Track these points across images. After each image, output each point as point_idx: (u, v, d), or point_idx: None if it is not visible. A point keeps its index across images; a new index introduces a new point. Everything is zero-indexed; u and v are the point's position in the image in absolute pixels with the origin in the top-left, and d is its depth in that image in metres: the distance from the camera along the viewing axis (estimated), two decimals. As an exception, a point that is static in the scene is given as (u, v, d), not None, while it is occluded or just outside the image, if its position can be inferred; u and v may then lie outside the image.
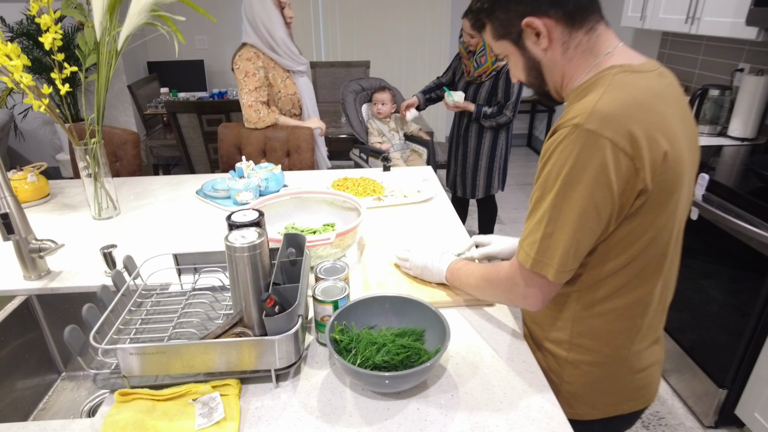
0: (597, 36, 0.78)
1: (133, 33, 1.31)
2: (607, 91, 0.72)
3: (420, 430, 0.76)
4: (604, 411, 0.91)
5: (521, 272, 0.81)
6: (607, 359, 0.86)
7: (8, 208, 0.93)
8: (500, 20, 0.81)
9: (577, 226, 0.73)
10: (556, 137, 0.74)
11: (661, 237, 0.78)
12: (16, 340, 1.13)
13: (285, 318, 0.80)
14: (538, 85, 0.86)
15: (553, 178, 0.73)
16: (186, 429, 0.75)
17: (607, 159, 0.69)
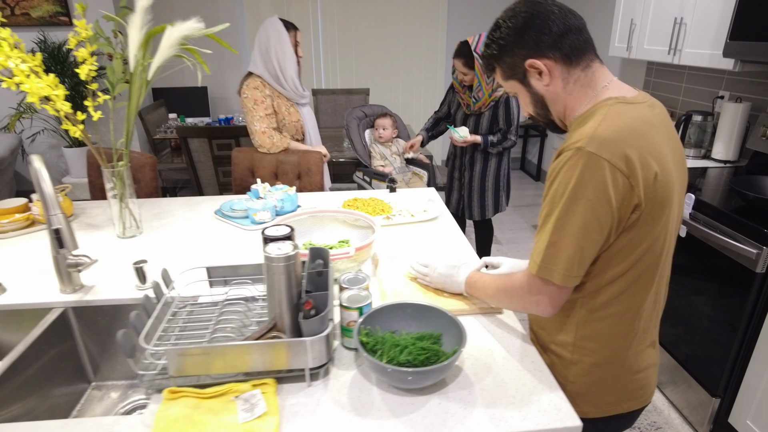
0: (593, 72, 0.91)
1: (164, 65, 1.42)
2: (605, 119, 0.83)
3: (443, 422, 0.84)
4: (605, 410, 0.99)
5: (531, 281, 0.90)
6: (608, 360, 0.95)
7: (60, 223, 1.02)
8: (507, 63, 0.94)
9: (580, 236, 0.83)
10: (561, 159, 0.85)
11: (655, 248, 0.88)
12: (54, 350, 1.19)
13: (319, 321, 0.89)
14: (544, 116, 0.98)
15: (560, 195, 0.84)
16: (231, 423, 0.83)
17: (606, 177, 0.80)
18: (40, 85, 1.21)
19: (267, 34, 2.09)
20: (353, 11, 4.65)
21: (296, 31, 2.18)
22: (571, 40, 0.89)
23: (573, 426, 0.84)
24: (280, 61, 2.09)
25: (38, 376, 1.13)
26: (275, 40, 2.07)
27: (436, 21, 4.77)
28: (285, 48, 2.08)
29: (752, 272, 1.65)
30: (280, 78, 2.13)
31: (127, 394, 1.30)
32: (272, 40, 2.07)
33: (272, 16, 2.16)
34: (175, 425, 0.82)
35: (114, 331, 1.29)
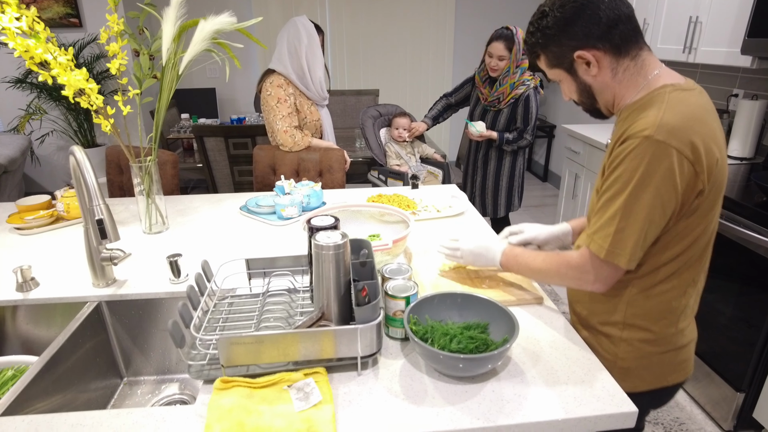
0: (642, 60, 0.91)
1: (195, 58, 1.42)
2: (668, 107, 0.84)
3: (499, 409, 0.83)
4: (652, 383, 1.02)
5: (593, 261, 0.92)
6: (656, 336, 0.99)
7: (102, 214, 1.01)
8: (554, 53, 0.94)
9: (646, 222, 0.85)
10: (626, 146, 0.85)
11: (708, 230, 0.92)
12: (89, 343, 1.19)
13: (371, 308, 0.89)
14: (590, 104, 0.99)
15: (625, 181, 0.85)
16: (286, 412, 0.82)
17: (674, 164, 0.82)
18: (78, 78, 1.20)
19: (298, 35, 2.08)
20: (361, 12, 4.66)
21: (323, 35, 2.20)
22: (621, 30, 0.88)
23: (628, 412, 0.83)
24: (310, 64, 2.10)
25: (75, 369, 1.13)
26: (307, 41, 2.08)
27: (443, 21, 4.79)
28: (316, 51, 2.09)
29: (778, 266, 1.66)
30: (307, 79, 2.14)
31: (159, 389, 1.29)
32: (304, 41, 2.08)
33: (302, 16, 2.16)
34: (229, 415, 0.81)
35: (146, 326, 1.28)
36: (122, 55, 1.43)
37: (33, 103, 3.79)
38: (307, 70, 2.11)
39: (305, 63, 2.10)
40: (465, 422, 0.80)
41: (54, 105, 3.87)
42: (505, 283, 1.21)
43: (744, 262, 1.80)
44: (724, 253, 1.90)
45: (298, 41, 2.07)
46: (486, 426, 0.80)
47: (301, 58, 2.09)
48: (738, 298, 1.84)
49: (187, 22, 1.39)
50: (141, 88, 1.56)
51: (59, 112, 3.93)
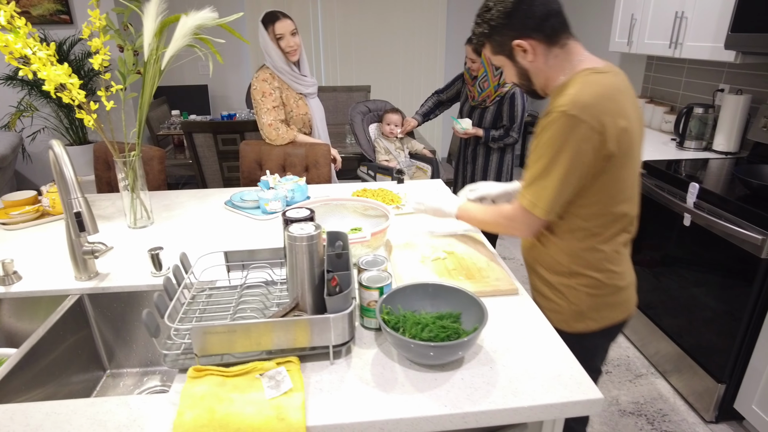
0: (569, 48, 1.09)
1: (176, 54, 1.43)
2: (582, 87, 1.01)
3: (467, 396, 0.85)
4: (600, 322, 1.19)
5: (519, 211, 1.12)
6: (599, 282, 1.15)
7: (80, 207, 1.02)
8: (497, 41, 1.11)
9: (561, 181, 1.03)
10: (548, 118, 1.03)
11: (626, 187, 1.09)
12: (71, 336, 1.20)
13: (343, 298, 0.90)
14: (527, 86, 1.16)
15: (546, 147, 1.03)
16: (257, 399, 0.84)
17: (584, 134, 0.99)
18: (57, 72, 1.21)
19: (259, 32, 2.17)
20: (353, 8, 4.66)
21: (274, 24, 2.12)
22: (552, 23, 1.05)
23: (594, 398, 0.85)
24: (271, 57, 2.16)
25: (56, 362, 1.14)
26: (261, 38, 2.15)
27: (435, 17, 4.79)
28: (268, 45, 2.14)
29: (757, 258, 1.68)
30: (277, 71, 2.18)
31: (142, 381, 1.31)
32: (260, 38, 2.16)
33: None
34: (201, 402, 0.83)
35: (128, 319, 1.29)
36: (105, 51, 1.43)
37: (24, 100, 3.78)
38: (272, 64, 2.16)
39: (267, 57, 2.17)
40: (432, 409, 0.82)
41: (45, 102, 3.86)
42: (481, 274, 1.22)
43: (727, 255, 1.82)
44: (708, 247, 1.92)
45: (260, 38, 2.15)
46: (452, 413, 0.82)
47: (265, 54, 2.17)
48: (721, 291, 1.86)
49: (169, 17, 1.40)
50: (125, 83, 1.57)
51: (50, 109, 3.93)
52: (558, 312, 1.20)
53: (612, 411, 2.01)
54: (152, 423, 0.81)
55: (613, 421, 1.96)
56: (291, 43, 2.13)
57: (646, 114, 3.11)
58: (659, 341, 2.23)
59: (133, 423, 0.81)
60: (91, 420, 0.82)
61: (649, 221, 2.29)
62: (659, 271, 2.23)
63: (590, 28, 3.98)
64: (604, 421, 1.96)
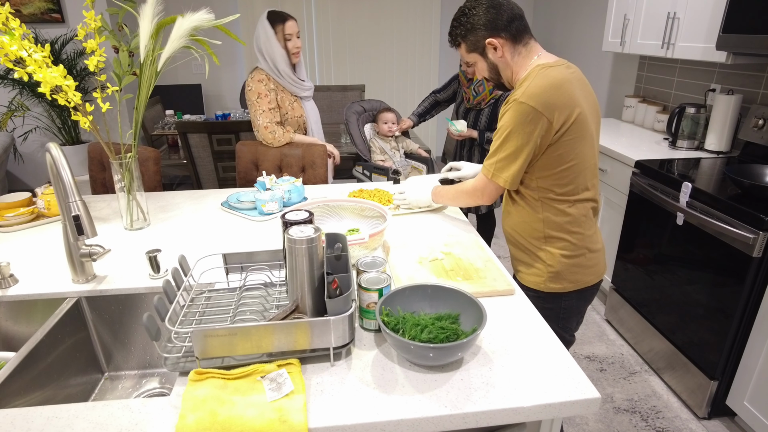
0: (530, 47, 1.30)
1: (173, 55, 1.42)
2: (533, 81, 1.21)
3: (467, 396, 0.86)
4: (576, 283, 1.35)
5: (484, 182, 1.33)
6: (573, 245, 1.32)
7: (79, 210, 1.02)
8: (471, 41, 1.31)
9: (516, 155, 1.24)
10: (506, 106, 1.24)
11: (584, 160, 1.27)
12: (69, 339, 1.20)
13: (343, 300, 0.91)
14: (496, 79, 1.36)
15: (505, 129, 1.24)
16: (259, 402, 0.84)
17: (532, 118, 1.19)
18: (53, 74, 1.21)
19: (257, 33, 2.13)
20: (347, 8, 4.66)
21: (284, 24, 2.13)
22: (516, 25, 1.26)
23: (592, 398, 0.86)
24: (272, 58, 2.13)
25: (54, 365, 1.14)
26: (264, 38, 2.11)
27: (429, 17, 4.80)
28: (273, 45, 2.10)
29: (749, 257, 1.70)
30: (276, 73, 2.15)
31: (140, 383, 1.31)
32: (261, 38, 2.11)
33: (264, 12, 2.17)
34: (203, 405, 0.83)
35: (126, 321, 1.29)
36: (100, 52, 1.43)
37: (15, 99, 3.75)
38: (272, 64, 2.13)
39: (268, 59, 2.13)
40: (432, 410, 0.83)
41: (37, 102, 3.83)
42: (479, 275, 1.24)
43: (719, 254, 1.85)
44: (700, 246, 1.94)
45: (258, 39, 2.12)
46: (453, 413, 0.83)
47: (264, 55, 2.13)
48: (713, 289, 1.89)
49: (165, 19, 1.39)
50: (120, 84, 1.56)
51: (42, 109, 3.89)
52: (537, 275, 1.36)
53: (607, 408, 2.03)
54: (154, 426, 0.81)
55: (608, 418, 1.98)
56: (297, 45, 2.15)
57: (639, 113, 3.13)
58: (653, 339, 2.26)
59: (135, 426, 0.81)
60: (93, 424, 0.82)
61: (642, 220, 2.31)
62: (652, 269, 2.25)
63: (583, 29, 4.00)
64: (599, 419, 1.98)
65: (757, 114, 2.27)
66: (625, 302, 2.48)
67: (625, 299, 2.48)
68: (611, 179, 2.58)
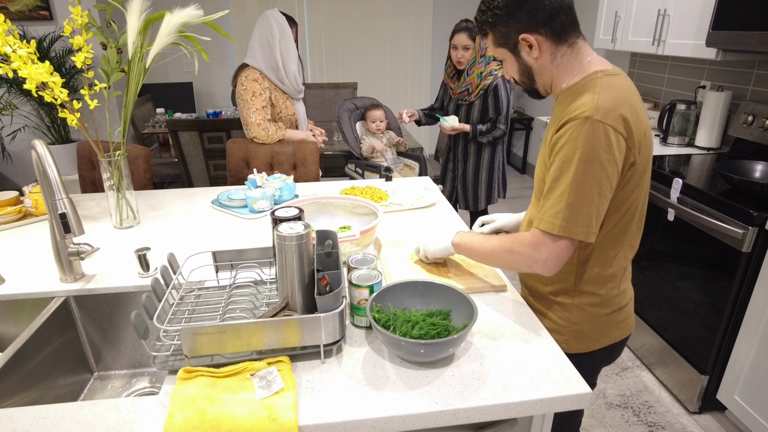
0: (578, 48, 1.02)
1: (161, 52, 1.41)
2: (601, 91, 0.94)
3: (458, 393, 0.86)
4: (602, 342, 1.14)
5: (545, 239, 0.96)
6: (603, 299, 1.10)
7: (65, 208, 1.01)
8: (501, 32, 1.02)
9: (597, 194, 0.92)
10: (568, 127, 0.93)
11: (639, 198, 1.02)
12: (57, 339, 1.18)
13: (333, 297, 0.90)
14: (529, 84, 1.08)
15: (570, 159, 0.93)
16: (248, 400, 0.84)
17: (612, 140, 0.91)
18: (39, 71, 1.19)
19: (271, 29, 2.07)
20: (339, 5, 4.64)
21: (296, 27, 2.18)
22: (562, 20, 0.97)
23: (583, 393, 0.86)
24: (284, 57, 2.09)
25: (42, 365, 1.12)
26: (279, 35, 2.06)
27: (422, 14, 4.79)
28: (289, 45, 2.07)
29: (738, 252, 1.71)
30: (281, 73, 2.13)
31: (130, 383, 1.29)
32: (276, 35, 2.06)
33: (273, 9, 2.14)
34: (192, 403, 0.82)
35: (115, 320, 1.28)
36: (87, 48, 1.41)
37: (3, 98, 3.70)
38: (281, 64, 2.10)
39: (279, 57, 2.09)
40: (423, 406, 0.83)
41: (25, 100, 3.78)
42: (470, 272, 1.23)
43: (710, 249, 1.86)
44: (691, 241, 1.96)
45: (270, 35, 2.06)
46: (444, 409, 0.82)
47: (275, 52, 2.08)
48: (704, 284, 1.90)
49: (153, 15, 1.38)
50: (109, 81, 1.54)
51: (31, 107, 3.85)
52: (557, 332, 1.12)
53: (599, 404, 2.04)
54: (142, 425, 0.80)
55: (601, 413, 1.99)
56: None
57: (630, 110, 3.14)
58: (644, 334, 2.27)
59: (123, 426, 0.80)
60: (80, 424, 0.81)
61: (633, 216, 2.32)
62: (644, 265, 2.26)
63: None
64: (591, 414, 1.99)
65: (746, 110, 2.28)
66: (617, 298, 2.49)
67: (617, 295, 2.49)
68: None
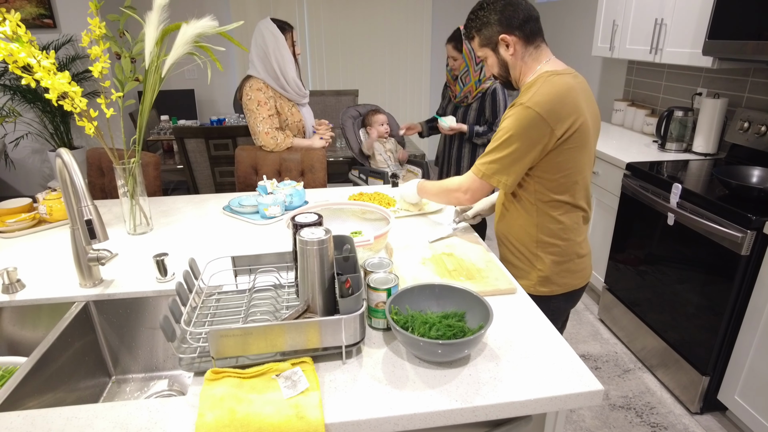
0: (540, 50, 1.32)
1: (177, 61, 1.45)
2: (541, 87, 1.23)
3: (476, 391, 0.89)
4: (564, 287, 1.40)
5: (472, 181, 1.34)
6: (563, 250, 1.36)
7: (91, 214, 1.04)
8: (485, 35, 1.33)
9: (518, 159, 1.25)
10: (512, 110, 1.26)
11: (581, 170, 1.30)
12: (78, 342, 1.21)
13: (354, 300, 0.93)
14: (505, 77, 1.37)
15: (507, 131, 1.25)
16: (275, 399, 0.87)
17: (536, 123, 1.21)
18: (61, 81, 1.22)
19: (264, 39, 2.10)
20: (339, 13, 4.70)
21: (292, 31, 2.19)
22: (531, 26, 1.28)
23: (595, 390, 0.90)
24: (281, 65, 2.12)
25: (64, 368, 1.15)
26: (273, 44, 2.09)
27: (421, 21, 4.86)
28: (284, 52, 2.10)
29: (737, 255, 1.76)
30: (281, 81, 2.16)
31: (148, 386, 1.32)
32: (270, 44, 2.09)
33: (265, 19, 2.18)
34: (221, 403, 0.85)
35: (133, 325, 1.31)
36: (104, 58, 1.44)
37: (6, 105, 3.73)
38: (279, 72, 2.13)
39: (276, 65, 2.13)
40: (444, 404, 0.86)
41: (29, 107, 3.81)
42: (481, 275, 1.27)
43: (709, 253, 1.91)
44: (691, 245, 2.00)
45: (265, 45, 2.10)
46: (463, 407, 0.86)
47: (271, 61, 2.12)
48: (703, 287, 1.94)
49: (170, 26, 1.41)
50: (123, 90, 1.57)
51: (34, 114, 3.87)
52: (526, 278, 1.40)
53: (603, 405, 2.08)
54: (173, 424, 0.83)
55: (604, 415, 2.03)
56: (299, 50, 2.18)
57: (628, 117, 3.21)
58: (645, 337, 2.31)
59: (155, 425, 0.83)
60: (113, 423, 0.83)
61: (633, 220, 2.37)
62: (644, 269, 2.31)
63: (573, 34, 4.08)
64: (595, 415, 2.02)
65: (742, 117, 2.34)
66: (618, 302, 2.53)
67: (618, 299, 2.53)
68: (603, 181, 2.64)
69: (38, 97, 3.64)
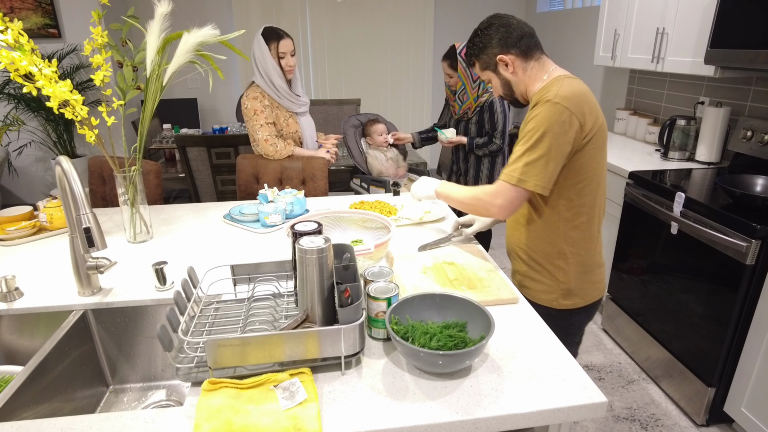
0: (543, 62, 1.32)
1: (179, 70, 1.45)
2: (563, 86, 1.22)
3: (477, 403, 0.88)
4: (585, 299, 1.37)
5: (503, 188, 1.24)
6: (584, 260, 1.33)
7: (89, 222, 1.03)
8: (484, 60, 1.35)
9: (552, 157, 1.19)
10: (536, 109, 1.22)
11: (601, 173, 1.29)
12: (75, 351, 1.20)
13: (354, 309, 0.92)
14: (510, 95, 1.37)
15: (536, 130, 1.20)
16: (273, 410, 0.85)
17: (566, 118, 1.18)
18: (63, 89, 1.22)
19: (253, 51, 2.16)
20: (342, 22, 4.73)
21: (278, 42, 2.15)
22: (526, 42, 1.30)
23: (599, 402, 0.88)
24: (268, 74, 2.16)
25: (61, 377, 1.14)
26: (259, 53, 2.14)
27: (423, 32, 4.88)
28: (267, 62, 2.13)
29: (742, 264, 1.74)
30: (273, 88, 2.18)
31: (145, 395, 1.30)
32: (257, 54, 2.14)
33: (260, 28, 2.20)
34: (218, 414, 0.84)
35: (131, 334, 1.29)
36: (106, 67, 1.45)
37: (10, 114, 3.75)
38: (269, 80, 2.16)
39: (264, 75, 2.16)
40: (444, 416, 0.84)
41: (32, 116, 3.83)
42: (483, 284, 1.26)
43: (713, 262, 1.89)
44: (695, 254, 1.98)
45: (254, 57, 2.15)
46: (464, 419, 0.84)
47: (261, 71, 2.16)
48: (708, 297, 1.92)
49: (171, 34, 1.42)
50: (125, 99, 1.58)
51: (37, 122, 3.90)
52: (549, 292, 1.35)
53: (607, 417, 2.05)
54: (169, 436, 0.81)
55: (608, 426, 2.00)
56: (291, 63, 2.16)
57: (630, 126, 3.20)
58: (649, 347, 2.29)
59: (150, 436, 0.81)
60: (108, 434, 0.82)
61: (637, 230, 2.36)
62: (648, 278, 2.29)
63: (575, 43, 4.09)
64: (599, 427, 1.99)
65: (745, 126, 2.33)
66: (622, 311, 2.51)
67: (622, 308, 2.51)
68: (606, 190, 2.63)
69: (42, 106, 3.66)
